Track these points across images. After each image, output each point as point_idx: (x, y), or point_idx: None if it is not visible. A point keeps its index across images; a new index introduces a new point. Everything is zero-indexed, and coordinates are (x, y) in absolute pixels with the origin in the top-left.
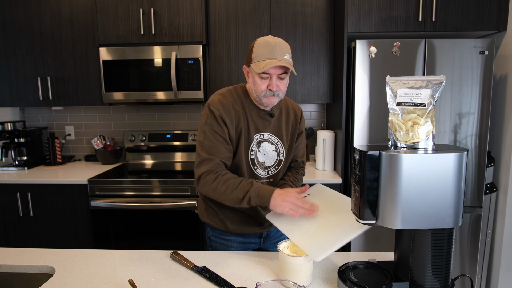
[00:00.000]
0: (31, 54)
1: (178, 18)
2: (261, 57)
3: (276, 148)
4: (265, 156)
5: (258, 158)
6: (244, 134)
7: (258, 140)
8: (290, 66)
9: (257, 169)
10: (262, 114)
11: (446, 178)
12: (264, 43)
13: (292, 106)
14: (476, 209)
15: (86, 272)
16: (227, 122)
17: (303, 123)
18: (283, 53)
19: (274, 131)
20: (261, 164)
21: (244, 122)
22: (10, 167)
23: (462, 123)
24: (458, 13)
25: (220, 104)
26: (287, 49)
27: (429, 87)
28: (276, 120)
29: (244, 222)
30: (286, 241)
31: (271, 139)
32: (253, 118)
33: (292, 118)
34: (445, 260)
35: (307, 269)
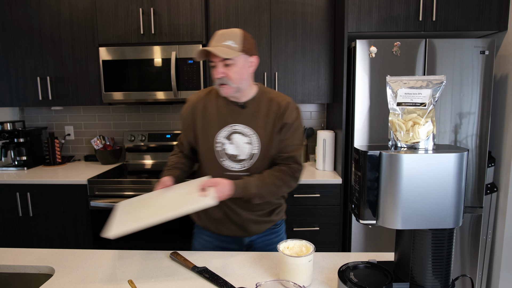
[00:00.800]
0: (31, 54)
1: (178, 17)
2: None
3: (250, 141)
4: (238, 148)
5: (226, 150)
6: (205, 128)
7: (228, 132)
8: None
9: (224, 161)
10: (232, 106)
11: (446, 178)
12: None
13: (277, 99)
14: (477, 209)
15: (86, 272)
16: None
17: (289, 115)
18: (223, 40)
19: (249, 123)
20: (232, 156)
21: (205, 117)
22: (9, 167)
23: (463, 123)
24: (458, 13)
25: (187, 101)
26: (233, 36)
27: (429, 87)
28: (252, 112)
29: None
30: (286, 241)
31: (245, 131)
32: (220, 111)
33: (274, 110)
34: (445, 260)
35: (307, 269)
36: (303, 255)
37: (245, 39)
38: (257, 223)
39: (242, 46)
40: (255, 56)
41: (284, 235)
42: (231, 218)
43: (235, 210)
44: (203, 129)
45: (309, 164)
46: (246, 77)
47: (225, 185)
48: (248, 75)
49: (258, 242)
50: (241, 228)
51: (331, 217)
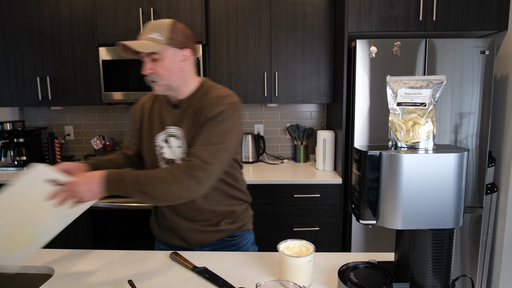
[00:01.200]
0: (30, 53)
1: (178, 17)
2: None
3: (181, 144)
4: (174, 153)
5: (163, 155)
6: (147, 131)
7: (165, 135)
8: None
9: (161, 165)
10: (168, 106)
11: (446, 178)
12: None
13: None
14: (477, 209)
15: (86, 272)
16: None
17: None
18: (148, 32)
19: (180, 124)
20: (170, 161)
21: (149, 118)
22: (9, 167)
23: (463, 123)
24: (458, 13)
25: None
26: (159, 27)
27: (429, 87)
28: (182, 111)
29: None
30: (286, 241)
31: (177, 133)
32: (160, 113)
33: (201, 107)
34: (445, 260)
35: (307, 269)
36: (303, 255)
37: (174, 30)
38: (196, 233)
39: (170, 38)
40: (188, 49)
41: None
42: (174, 228)
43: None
44: (146, 131)
45: (309, 164)
46: (177, 72)
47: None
48: (180, 71)
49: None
50: (183, 239)
51: (331, 217)
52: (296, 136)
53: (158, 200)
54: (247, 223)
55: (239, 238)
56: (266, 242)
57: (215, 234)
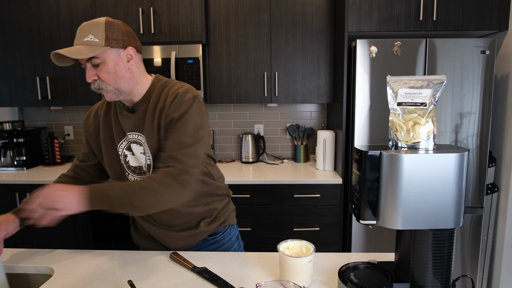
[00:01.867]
0: (30, 53)
1: (178, 17)
2: None
3: (144, 150)
4: (138, 160)
5: (129, 163)
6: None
7: (127, 142)
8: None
9: (129, 175)
10: (124, 111)
11: (447, 178)
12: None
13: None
14: (477, 209)
15: (85, 273)
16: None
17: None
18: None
19: (138, 128)
20: (136, 169)
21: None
22: (8, 167)
23: (463, 123)
24: (459, 13)
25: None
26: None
27: (430, 87)
28: (140, 115)
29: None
30: (286, 242)
31: (139, 139)
32: (118, 119)
33: (160, 107)
34: (446, 260)
35: (307, 269)
36: (303, 256)
37: (109, 29)
38: (177, 238)
39: (106, 38)
40: (130, 47)
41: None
42: (152, 236)
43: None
44: (105, 141)
45: (309, 164)
46: (124, 74)
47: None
48: (127, 72)
49: None
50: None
51: (331, 217)
52: (296, 136)
53: (146, 210)
54: (229, 218)
55: (221, 234)
56: (266, 242)
57: (196, 237)
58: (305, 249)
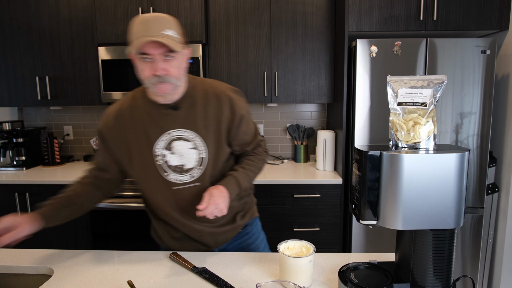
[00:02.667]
0: (30, 53)
1: (178, 17)
2: (136, 35)
3: (195, 145)
4: (182, 157)
5: (169, 162)
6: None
7: (167, 141)
8: (169, 43)
9: (168, 175)
10: (164, 109)
11: (447, 178)
12: (140, 20)
13: (213, 91)
14: (478, 209)
15: (85, 273)
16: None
17: (239, 107)
18: (162, 28)
19: (187, 125)
20: (177, 167)
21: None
22: (8, 167)
23: (464, 123)
24: (459, 12)
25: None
26: (170, 24)
27: (430, 87)
28: (187, 112)
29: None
30: (286, 242)
31: (186, 136)
32: (153, 118)
33: (213, 105)
34: (446, 261)
35: (307, 270)
36: (303, 256)
37: (180, 27)
38: (219, 234)
39: (182, 37)
40: (189, 48)
41: (259, 234)
42: (191, 236)
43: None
44: (139, 144)
45: (309, 164)
46: (185, 71)
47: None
48: (185, 70)
49: (229, 249)
50: (202, 243)
51: (332, 218)
52: (296, 136)
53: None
54: (255, 211)
55: (250, 226)
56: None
57: (234, 231)
58: (305, 249)
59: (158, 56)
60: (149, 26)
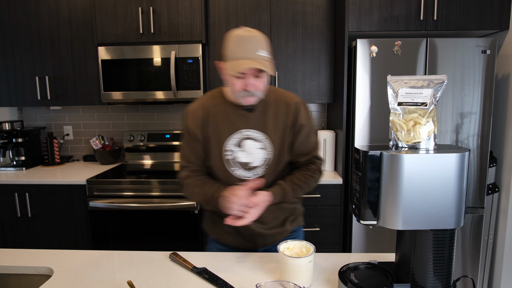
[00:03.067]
0: (29, 53)
1: (178, 17)
2: (234, 55)
3: (264, 146)
4: (251, 155)
5: (238, 159)
6: (215, 136)
7: (238, 139)
8: (265, 67)
9: (235, 170)
10: (239, 110)
11: (447, 178)
12: (237, 38)
13: (284, 99)
14: (478, 209)
15: (85, 273)
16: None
17: (302, 116)
18: (256, 48)
19: (259, 126)
20: (244, 164)
21: (213, 125)
22: (8, 167)
23: (464, 123)
24: (460, 12)
25: (189, 112)
26: (263, 43)
27: (430, 87)
28: (260, 115)
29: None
30: (286, 242)
31: (256, 136)
32: (228, 117)
33: (283, 112)
34: (446, 261)
35: (307, 270)
36: (304, 256)
37: (269, 45)
38: (268, 236)
39: (271, 53)
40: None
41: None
42: (241, 233)
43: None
44: (214, 138)
45: None
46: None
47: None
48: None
49: (273, 251)
50: (251, 242)
51: (332, 218)
52: None
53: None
54: (302, 219)
55: (296, 232)
56: None
57: (282, 234)
58: (305, 250)
59: (250, 74)
60: (245, 47)
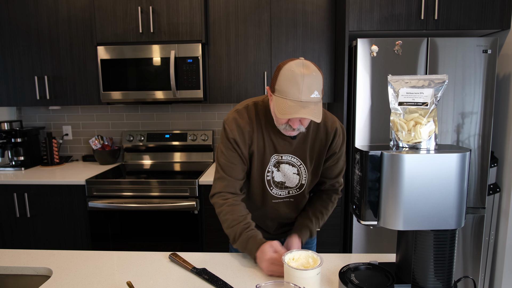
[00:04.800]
0: (28, 53)
1: (177, 16)
2: (285, 93)
3: (298, 172)
4: (285, 176)
5: (274, 178)
6: (258, 155)
7: (276, 161)
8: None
9: (273, 189)
10: (282, 135)
11: (448, 178)
12: (290, 76)
13: (325, 125)
14: (479, 210)
15: (84, 273)
16: (239, 143)
17: (338, 144)
18: (311, 91)
19: (297, 153)
20: (279, 183)
21: (259, 143)
22: (6, 168)
23: (465, 122)
24: (461, 12)
25: (234, 123)
26: (317, 84)
27: (431, 86)
28: (300, 142)
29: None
30: (291, 252)
31: (293, 161)
32: (271, 138)
33: (322, 138)
34: (447, 261)
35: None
36: (311, 268)
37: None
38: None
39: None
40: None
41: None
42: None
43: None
44: (257, 157)
45: None
46: None
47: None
48: None
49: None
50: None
51: (332, 218)
52: None
53: None
54: None
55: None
56: None
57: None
58: (311, 260)
59: None
60: (296, 88)
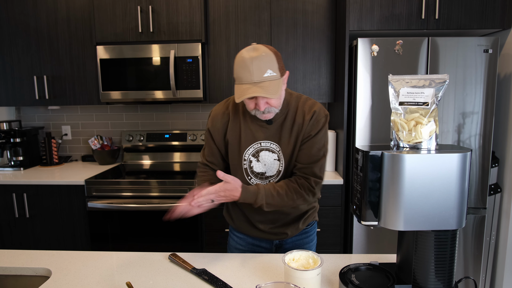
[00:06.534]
0: (27, 52)
1: (177, 16)
2: (240, 79)
3: (278, 157)
4: (266, 166)
5: (253, 168)
6: (234, 144)
7: (256, 149)
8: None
9: (251, 179)
10: (260, 121)
11: (449, 178)
12: (241, 62)
13: (302, 109)
14: (480, 210)
15: (83, 274)
16: (211, 131)
17: (314, 126)
18: (263, 71)
19: (275, 138)
20: (259, 174)
21: (234, 131)
22: (5, 168)
23: (466, 122)
24: (461, 11)
25: (211, 114)
26: (269, 63)
27: (432, 86)
28: (278, 127)
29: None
30: (291, 253)
31: (272, 148)
32: (249, 126)
33: (298, 123)
34: (448, 262)
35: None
36: (311, 268)
37: (278, 59)
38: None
39: (279, 69)
40: (286, 71)
41: (314, 237)
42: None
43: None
44: (231, 145)
45: None
46: (282, 97)
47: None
48: (283, 94)
49: (288, 242)
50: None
51: (332, 218)
52: None
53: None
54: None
55: (311, 226)
56: None
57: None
58: (312, 261)
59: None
60: (247, 71)
